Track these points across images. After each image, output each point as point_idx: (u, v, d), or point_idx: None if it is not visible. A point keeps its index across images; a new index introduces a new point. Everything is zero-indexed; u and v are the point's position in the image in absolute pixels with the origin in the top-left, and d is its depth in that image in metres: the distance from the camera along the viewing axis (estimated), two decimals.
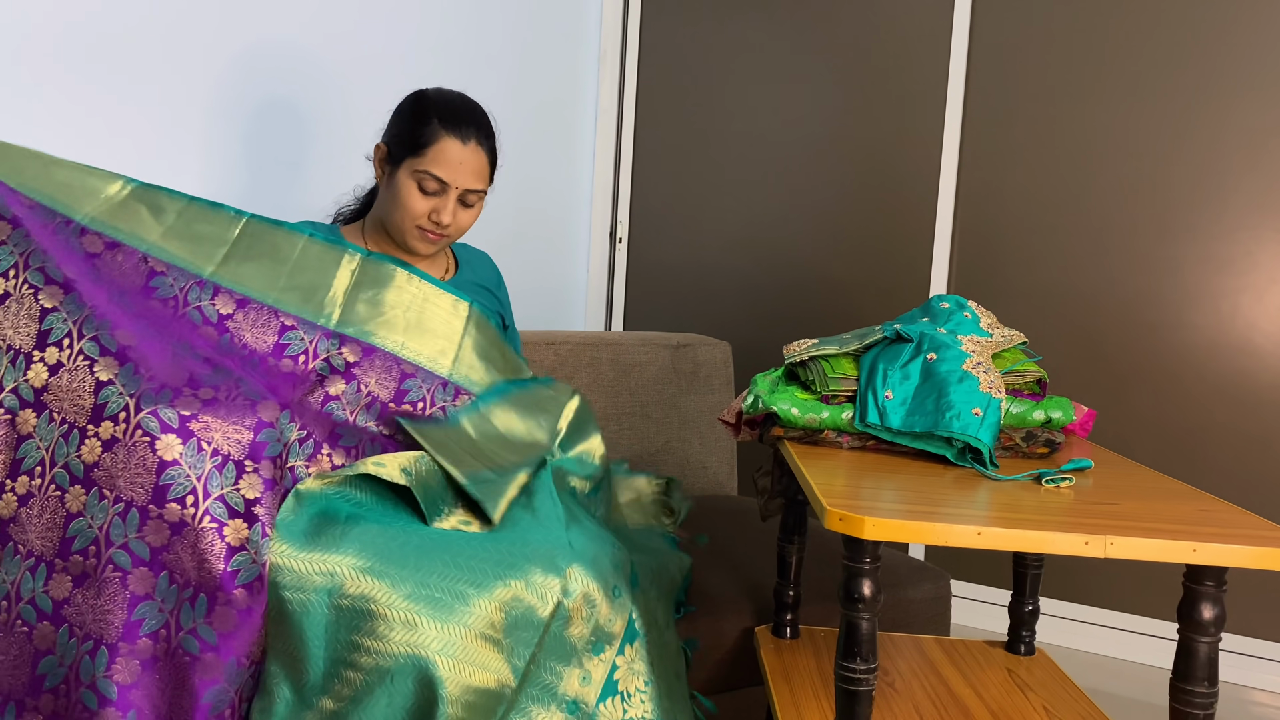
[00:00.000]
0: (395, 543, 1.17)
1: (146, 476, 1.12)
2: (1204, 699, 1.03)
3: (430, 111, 1.50)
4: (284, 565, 1.13)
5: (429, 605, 1.12)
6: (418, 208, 1.48)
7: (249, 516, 1.14)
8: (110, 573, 1.11)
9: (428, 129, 1.48)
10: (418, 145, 1.48)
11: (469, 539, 1.22)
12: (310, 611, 1.12)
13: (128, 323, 1.23)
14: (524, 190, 2.84)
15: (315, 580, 1.12)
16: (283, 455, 1.19)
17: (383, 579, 1.12)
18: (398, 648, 1.10)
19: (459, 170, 1.48)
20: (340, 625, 1.11)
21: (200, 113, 1.97)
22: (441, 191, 1.48)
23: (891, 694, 1.35)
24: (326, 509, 1.19)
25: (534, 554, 1.20)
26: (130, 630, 1.10)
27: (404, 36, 2.40)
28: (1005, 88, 2.57)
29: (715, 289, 2.99)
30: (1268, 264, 2.29)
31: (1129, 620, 2.46)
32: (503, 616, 1.16)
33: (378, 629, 1.10)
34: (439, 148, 1.47)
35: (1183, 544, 0.97)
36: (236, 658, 1.12)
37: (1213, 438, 2.36)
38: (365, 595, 1.11)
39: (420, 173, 1.47)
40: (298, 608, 1.12)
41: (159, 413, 1.14)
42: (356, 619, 1.11)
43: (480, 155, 1.52)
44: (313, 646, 1.12)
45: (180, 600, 1.12)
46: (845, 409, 1.32)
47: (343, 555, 1.13)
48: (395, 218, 1.51)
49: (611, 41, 3.07)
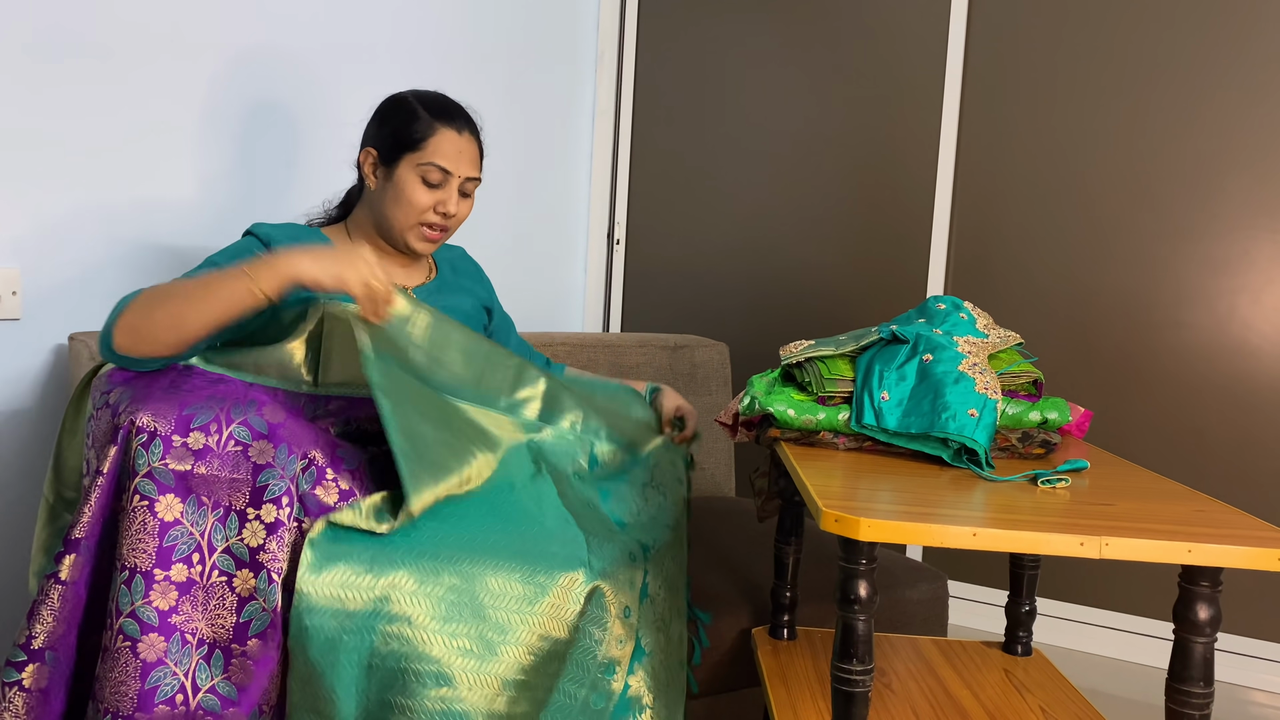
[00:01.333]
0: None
1: (150, 540, 1.14)
2: (1200, 699, 1.03)
3: (419, 108, 1.54)
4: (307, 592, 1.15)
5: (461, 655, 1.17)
6: (423, 201, 1.51)
7: (254, 565, 1.16)
8: (122, 643, 1.13)
9: (421, 124, 1.51)
10: (415, 141, 1.51)
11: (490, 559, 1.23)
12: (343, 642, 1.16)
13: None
14: (522, 193, 2.84)
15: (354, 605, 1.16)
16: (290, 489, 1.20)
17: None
18: (433, 703, 1.16)
19: (460, 159, 1.52)
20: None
21: (193, 115, 1.97)
22: (444, 182, 1.52)
23: (888, 695, 1.35)
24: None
25: (555, 574, 1.23)
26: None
27: (401, 39, 2.40)
28: (1002, 89, 2.58)
29: (713, 291, 2.99)
30: (1264, 264, 2.30)
31: (1126, 620, 2.46)
32: (531, 659, 1.20)
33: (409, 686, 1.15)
34: (437, 140, 1.50)
35: (1178, 544, 0.97)
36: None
37: (1209, 438, 2.37)
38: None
39: (424, 166, 1.50)
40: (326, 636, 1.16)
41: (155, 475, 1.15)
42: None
43: (474, 144, 1.56)
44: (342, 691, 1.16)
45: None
46: (841, 410, 1.33)
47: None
48: (398, 217, 1.52)
49: (609, 43, 3.08)
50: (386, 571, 1.17)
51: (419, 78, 2.32)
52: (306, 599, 1.15)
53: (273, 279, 1.22)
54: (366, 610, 1.15)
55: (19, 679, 1.11)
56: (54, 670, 1.13)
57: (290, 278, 1.22)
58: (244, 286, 1.21)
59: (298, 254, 1.23)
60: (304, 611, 1.14)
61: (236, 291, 1.21)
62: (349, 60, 2.26)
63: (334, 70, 2.21)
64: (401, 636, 1.16)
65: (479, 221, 2.60)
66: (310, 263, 1.23)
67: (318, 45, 2.19)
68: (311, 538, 1.17)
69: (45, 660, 1.12)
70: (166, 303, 1.23)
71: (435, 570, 1.19)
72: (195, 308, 1.22)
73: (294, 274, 1.22)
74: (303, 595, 1.15)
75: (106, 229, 1.85)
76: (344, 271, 1.22)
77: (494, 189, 2.71)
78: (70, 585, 1.12)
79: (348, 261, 1.23)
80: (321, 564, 1.16)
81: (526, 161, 2.85)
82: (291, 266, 1.22)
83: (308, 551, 1.16)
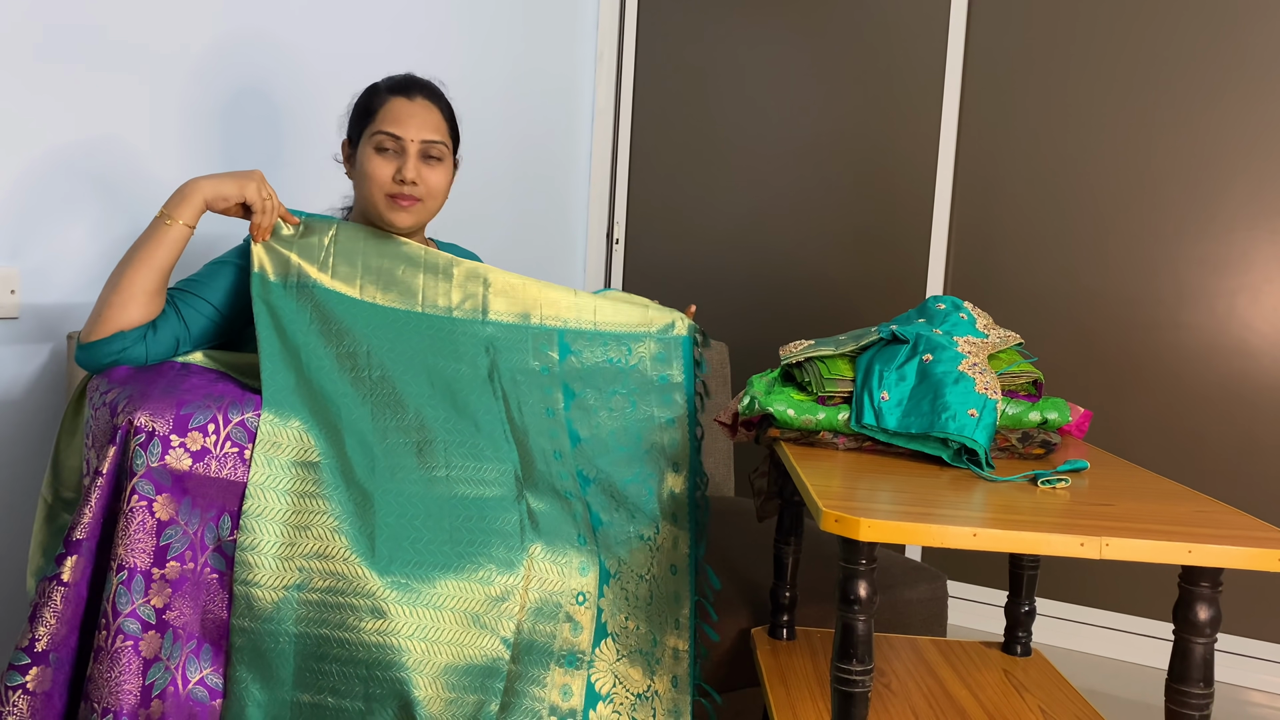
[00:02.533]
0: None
1: (148, 540, 1.14)
2: (1199, 700, 1.03)
3: (377, 86, 1.56)
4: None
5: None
6: (381, 172, 1.49)
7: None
8: (123, 642, 1.14)
9: (374, 98, 1.53)
10: (369, 114, 1.52)
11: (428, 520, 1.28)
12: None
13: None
14: (521, 192, 2.84)
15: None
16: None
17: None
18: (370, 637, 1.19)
19: (409, 123, 1.50)
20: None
21: (192, 115, 1.97)
22: (399, 150, 1.50)
23: (888, 695, 1.35)
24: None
25: (493, 553, 1.28)
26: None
27: (401, 39, 2.39)
28: (1001, 89, 2.57)
29: (712, 290, 2.99)
30: (1263, 264, 2.30)
31: (1125, 621, 2.46)
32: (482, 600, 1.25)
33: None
34: (387, 108, 1.51)
35: (1178, 545, 0.97)
36: None
37: (1209, 438, 2.37)
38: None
39: (374, 134, 1.50)
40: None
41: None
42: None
43: (430, 109, 1.54)
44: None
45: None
46: (841, 410, 1.32)
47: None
48: (368, 192, 1.52)
49: (608, 42, 3.07)
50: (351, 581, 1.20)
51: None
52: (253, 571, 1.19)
53: (183, 205, 1.34)
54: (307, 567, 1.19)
55: (23, 682, 1.11)
56: (57, 672, 1.13)
57: (199, 198, 1.35)
58: (161, 224, 1.34)
59: (200, 179, 1.36)
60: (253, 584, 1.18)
61: (157, 231, 1.34)
62: (348, 59, 2.25)
63: (332, 69, 2.21)
64: (338, 573, 1.20)
65: (479, 221, 2.60)
66: (211, 182, 1.36)
67: (316, 44, 2.19)
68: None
69: (49, 662, 1.12)
70: (110, 279, 1.34)
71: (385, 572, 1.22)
72: (129, 265, 1.32)
73: (199, 195, 1.35)
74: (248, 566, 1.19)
75: (104, 229, 1.85)
76: (243, 183, 1.36)
77: (494, 188, 2.71)
78: (72, 586, 1.12)
79: (245, 176, 1.37)
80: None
81: (526, 161, 2.85)
82: (196, 189, 1.35)
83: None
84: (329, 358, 1.33)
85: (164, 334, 1.33)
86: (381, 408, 1.33)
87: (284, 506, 1.19)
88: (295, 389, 1.26)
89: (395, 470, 1.28)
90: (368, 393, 1.33)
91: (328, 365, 1.32)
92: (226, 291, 1.42)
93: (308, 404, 1.26)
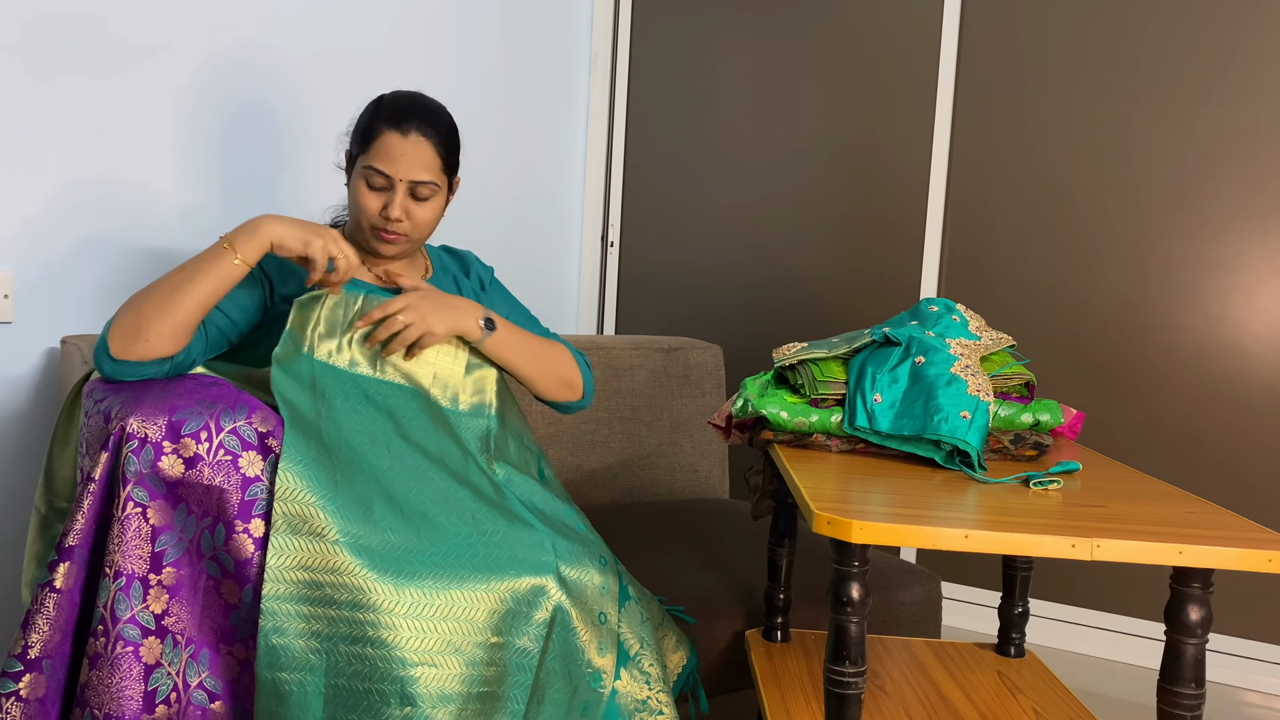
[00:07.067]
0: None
1: (143, 546, 1.14)
2: (1191, 700, 1.03)
3: (378, 110, 1.52)
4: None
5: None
6: (370, 205, 1.48)
7: (240, 578, 1.19)
8: (123, 648, 1.13)
9: (373, 126, 1.49)
10: (364, 143, 1.50)
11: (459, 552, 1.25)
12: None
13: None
14: (516, 195, 2.84)
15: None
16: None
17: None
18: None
19: (399, 162, 1.47)
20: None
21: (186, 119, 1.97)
22: (388, 186, 1.48)
23: (882, 697, 1.35)
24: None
25: (522, 573, 1.25)
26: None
27: (395, 42, 2.40)
28: (994, 92, 2.58)
29: (706, 292, 2.99)
30: (1256, 266, 2.31)
31: (1118, 621, 2.47)
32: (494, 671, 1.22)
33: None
34: (380, 142, 1.47)
35: (1169, 546, 0.97)
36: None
37: (1201, 440, 2.37)
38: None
39: (365, 169, 1.48)
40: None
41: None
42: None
43: (424, 146, 1.49)
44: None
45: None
46: (834, 412, 1.33)
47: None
48: (356, 218, 1.52)
49: (602, 45, 3.08)
50: (358, 596, 1.17)
51: (413, 80, 2.32)
52: (274, 618, 1.15)
53: (251, 243, 1.30)
54: (332, 632, 1.16)
55: (16, 689, 1.11)
56: (50, 679, 1.12)
57: (266, 240, 1.30)
58: (227, 258, 1.29)
59: (272, 219, 1.32)
60: (270, 631, 1.14)
61: (220, 264, 1.29)
62: (343, 63, 2.25)
63: (327, 74, 2.21)
64: (365, 657, 1.15)
65: (473, 223, 2.60)
66: (282, 227, 1.31)
67: (311, 48, 2.19)
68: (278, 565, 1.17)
69: (42, 670, 1.12)
70: (153, 294, 1.27)
71: (401, 585, 1.19)
72: (181, 290, 1.27)
73: (267, 237, 1.30)
74: (270, 614, 1.14)
75: (99, 233, 1.84)
76: (311, 238, 1.32)
77: (488, 191, 2.71)
78: (65, 593, 1.12)
79: (315, 230, 1.32)
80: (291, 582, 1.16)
81: (520, 163, 2.85)
82: (266, 230, 1.31)
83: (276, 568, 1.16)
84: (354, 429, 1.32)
85: (192, 349, 1.32)
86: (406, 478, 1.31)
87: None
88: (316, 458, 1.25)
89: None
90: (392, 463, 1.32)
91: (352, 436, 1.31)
92: (243, 305, 1.41)
93: (328, 472, 1.24)
